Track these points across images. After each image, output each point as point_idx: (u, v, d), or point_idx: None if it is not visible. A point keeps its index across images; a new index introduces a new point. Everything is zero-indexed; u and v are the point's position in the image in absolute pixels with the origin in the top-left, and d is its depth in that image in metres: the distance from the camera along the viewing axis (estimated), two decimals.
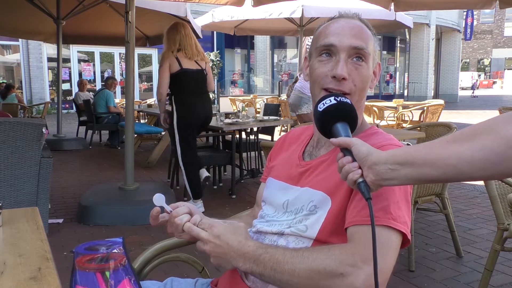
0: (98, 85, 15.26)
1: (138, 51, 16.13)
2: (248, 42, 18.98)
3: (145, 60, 17.46)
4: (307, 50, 1.09)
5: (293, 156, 1.11)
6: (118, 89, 15.66)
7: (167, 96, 3.75)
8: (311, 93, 1.05)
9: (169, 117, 3.76)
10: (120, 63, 16.36)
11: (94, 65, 16.20)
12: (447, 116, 12.77)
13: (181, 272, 2.40)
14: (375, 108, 7.55)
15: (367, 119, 5.28)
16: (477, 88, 31.64)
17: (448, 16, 21.33)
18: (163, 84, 3.59)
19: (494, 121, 0.68)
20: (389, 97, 18.93)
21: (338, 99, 0.89)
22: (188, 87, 3.63)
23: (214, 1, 3.82)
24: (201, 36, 7.40)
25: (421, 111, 7.12)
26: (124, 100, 4.44)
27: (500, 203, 2.07)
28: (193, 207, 1.03)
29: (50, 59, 14.78)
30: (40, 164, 3.03)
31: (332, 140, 0.87)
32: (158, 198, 0.98)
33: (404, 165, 0.76)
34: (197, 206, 3.74)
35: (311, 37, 1.14)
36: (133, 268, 0.89)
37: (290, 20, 8.17)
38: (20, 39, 14.05)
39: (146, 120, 8.01)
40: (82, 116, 8.28)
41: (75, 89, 11.22)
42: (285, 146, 1.19)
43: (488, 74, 47.26)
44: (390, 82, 23.65)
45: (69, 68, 15.39)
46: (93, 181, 4.91)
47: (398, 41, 23.44)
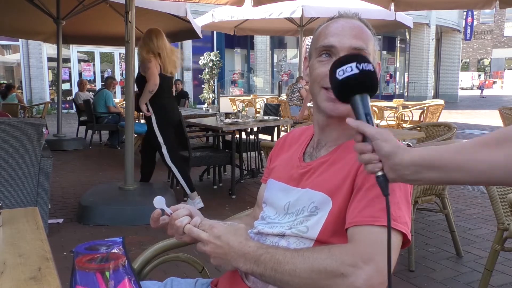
0: (98, 85, 15.25)
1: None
2: (248, 42, 18.98)
3: None
4: (307, 50, 1.09)
5: (294, 157, 1.11)
6: (118, 89, 15.67)
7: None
8: (311, 93, 1.05)
9: (146, 120, 3.91)
10: (120, 63, 16.35)
11: (94, 65, 16.19)
12: (447, 116, 12.77)
13: (181, 272, 2.40)
14: (375, 108, 7.55)
15: None
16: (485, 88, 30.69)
17: (448, 16, 21.33)
18: (157, 77, 3.68)
19: None
20: (389, 97, 18.92)
21: (361, 68, 0.80)
22: (166, 91, 3.84)
23: (214, 1, 3.82)
24: (201, 36, 7.41)
25: (421, 111, 7.12)
26: (124, 100, 4.44)
27: (500, 203, 2.07)
28: (193, 209, 1.03)
29: (50, 59, 14.77)
30: (40, 164, 3.03)
31: (350, 121, 0.79)
32: (159, 201, 0.99)
33: (431, 169, 0.73)
34: (197, 202, 3.86)
35: (311, 37, 1.14)
36: (133, 268, 0.89)
37: (290, 20, 8.18)
38: (20, 39, 14.04)
39: None
40: (82, 116, 8.28)
41: (75, 89, 11.22)
42: (286, 147, 1.19)
43: (488, 74, 47.25)
44: (390, 82, 23.64)
45: (69, 68, 15.38)
46: (93, 181, 4.90)
47: (398, 41, 23.43)
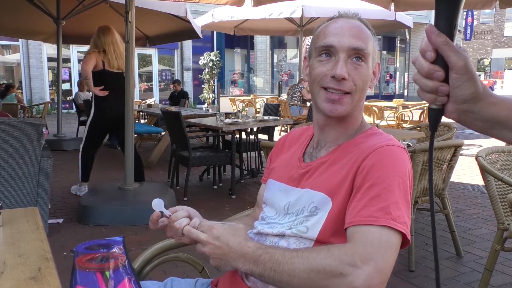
0: None
1: (138, 51, 16.11)
2: (248, 42, 18.98)
3: (145, 60, 17.46)
4: (307, 50, 1.09)
5: (294, 158, 1.11)
6: None
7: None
8: (311, 93, 1.05)
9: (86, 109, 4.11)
10: None
11: None
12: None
13: (181, 272, 2.41)
14: (375, 108, 7.55)
15: (367, 119, 5.28)
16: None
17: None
18: (89, 64, 3.88)
19: None
20: (389, 97, 18.94)
21: None
22: (110, 87, 4.00)
23: (214, 1, 3.83)
24: (201, 36, 7.41)
25: (421, 111, 7.12)
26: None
27: (500, 203, 2.07)
28: (192, 210, 1.04)
29: (50, 59, 14.77)
30: (40, 164, 3.03)
31: (431, 30, 0.60)
32: (157, 203, 0.99)
33: (508, 128, 0.63)
34: (82, 189, 4.28)
35: (311, 37, 1.14)
36: (133, 268, 0.89)
37: (290, 20, 8.18)
38: (20, 39, 14.04)
39: (146, 120, 8.01)
40: (82, 116, 8.27)
41: (75, 89, 11.22)
42: (286, 147, 1.19)
43: (488, 74, 47.23)
44: (390, 82, 23.65)
45: (69, 68, 15.37)
46: (93, 181, 4.90)
47: (398, 41, 23.43)
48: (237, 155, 4.52)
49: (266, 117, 4.90)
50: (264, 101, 10.04)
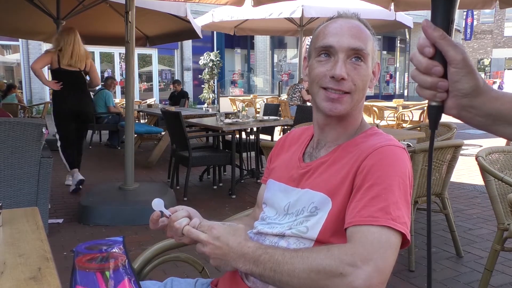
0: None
1: (138, 51, 16.11)
2: (248, 42, 18.98)
3: (145, 60, 17.46)
4: (307, 50, 1.09)
5: (294, 158, 1.11)
6: (118, 89, 15.66)
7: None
8: (311, 92, 1.05)
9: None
10: (120, 63, 16.35)
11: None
12: (447, 116, 12.74)
13: (181, 272, 2.41)
14: (375, 108, 7.55)
15: (367, 119, 5.28)
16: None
17: None
18: (38, 63, 4.25)
19: None
20: (389, 97, 18.94)
21: None
22: (65, 84, 4.28)
23: (214, 1, 3.83)
24: (201, 36, 7.40)
25: (421, 111, 7.12)
26: (124, 100, 4.44)
27: (500, 203, 2.07)
28: (192, 210, 1.03)
29: None
30: (40, 164, 3.03)
31: (427, 25, 0.60)
32: (157, 203, 0.99)
33: (508, 124, 0.62)
34: (74, 176, 4.46)
35: (311, 37, 1.14)
36: (133, 268, 0.89)
37: (290, 20, 8.18)
38: (20, 39, 14.04)
39: (146, 120, 8.01)
40: None
41: None
42: (286, 147, 1.19)
43: (488, 74, 47.21)
44: (390, 82, 23.65)
45: None
46: (93, 181, 4.90)
47: (398, 41, 23.43)
48: (237, 155, 4.52)
49: (266, 117, 4.90)
50: (264, 101, 10.04)
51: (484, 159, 2.13)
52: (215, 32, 16.19)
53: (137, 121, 8.21)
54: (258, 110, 8.87)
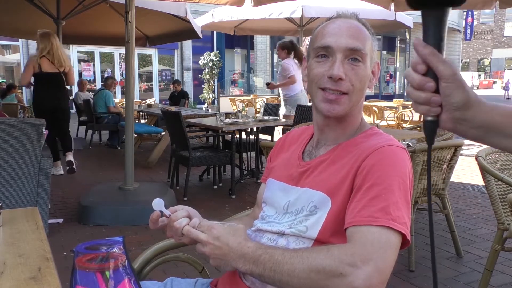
0: (98, 85, 15.24)
1: (138, 51, 16.11)
2: (248, 42, 18.98)
3: (145, 60, 17.46)
4: (306, 51, 1.09)
5: (293, 157, 1.11)
6: (118, 89, 15.66)
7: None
8: (309, 93, 1.06)
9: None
10: (120, 63, 16.35)
11: (94, 65, 16.19)
12: None
13: (181, 272, 2.41)
14: (375, 108, 7.55)
15: (367, 119, 5.28)
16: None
17: (448, 16, 21.29)
18: (26, 77, 4.64)
19: None
20: (389, 97, 18.92)
21: None
22: (44, 84, 4.69)
23: (214, 1, 3.83)
24: (201, 36, 7.40)
25: None
26: (124, 100, 4.44)
27: (500, 203, 2.07)
28: (192, 210, 1.04)
29: None
30: (40, 164, 3.03)
31: (418, 43, 0.63)
32: (158, 203, 0.99)
33: (500, 135, 0.65)
34: (58, 169, 5.02)
35: (311, 37, 1.14)
36: (133, 268, 0.89)
37: (290, 20, 8.17)
38: (20, 39, 14.02)
39: (146, 120, 8.01)
40: (82, 116, 8.28)
41: (75, 89, 11.21)
42: (286, 147, 1.19)
43: (488, 74, 47.22)
44: (390, 82, 23.65)
45: None
46: (93, 181, 4.90)
47: (398, 41, 23.43)
48: (237, 155, 4.52)
49: (266, 117, 4.90)
50: (264, 101, 10.04)
51: (484, 159, 2.13)
52: (215, 32, 16.18)
53: (137, 121, 8.20)
54: (258, 110, 8.87)
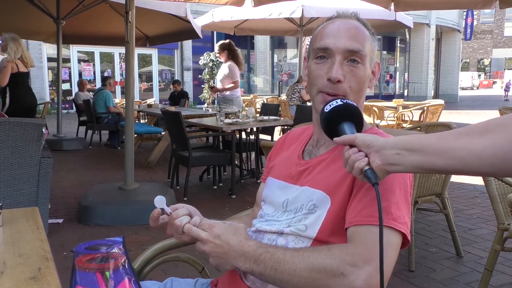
0: (98, 85, 15.25)
1: (138, 51, 16.12)
2: (248, 42, 18.98)
3: (145, 60, 17.46)
4: (307, 50, 1.09)
5: (293, 156, 1.11)
6: (118, 89, 15.66)
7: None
8: (310, 95, 1.06)
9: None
10: (120, 63, 16.35)
11: (94, 65, 16.19)
12: (447, 116, 12.77)
13: (181, 272, 2.41)
14: (375, 108, 7.55)
15: (367, 119, 5.28)
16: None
17: (448, 16, 21.33)
18: (5, 78, 4.79)
19: (508, 119, 0.68)
20: (389, 97, 18.93)
21: (344, 101, 0.91)
22: (21, 84, 4.98)
23: (214, 1, 3.83)
24: (201, 36, 7.41)
25: (421, 111, 7.12)
26: (124, 100, 4.44)
27: (500, 203, 2.07)
28: (193, 209, 1.03)
29: (50, 59, 14.77)
30: (40, 164, 3.03)
31: (336, 139, 0.86)
32: (159, 200, 0.98)
33: (412, 152, 0.75)
34: None
35: (311, 37, 1.14)
36: (133, 268, 0.89)
37: (290, 20, 8.18)
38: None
39: (146, 120, 8.00)
40: (82, 116, 8.28)
41: (75, 89, 11.23)
42: (285, 146, 1.19)
43: (488, 74, 47.23)
44: (390, 82, 23.65)
45: (69, 68, 15.37)
46: (93, 181, 4.91)
47: (398, 41, 23.43)
48: (237, 155, 4.52)
49: (266, 117, 4.90)
50: (264, 101, 10.04)
51: None
52: (215, 32, 16.17)
53: (137, 121, 8.20)
54: (258, 110, 8.87)
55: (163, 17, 6.36)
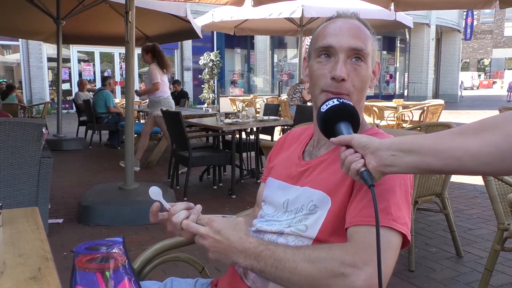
0: (98, 85, 15.24)
1: (138, 51, 16.07)
2: (248, 42, 18.98)
3: None
4: (307, 50, 1.09)
5: (293, 156, 1.11)
6: (118, 89, 15.66)
7: None
8: (312, 94, 1.05)
9: None
10: (120, 63, 16.35)
11: (94, 65, 16.19)
12: (447, 116, 12.78)
13: (181, 272, 2.41)
14: (375, 108, 7.55)
15: (367, 119, 5.28)
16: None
17: (448, 16, 21.33)
18: None
19: (503, 118, 0.68)
20: (389, 97, 18.93)
21: (341, 101, 0.90)
22: None
23: (214, 1, 3.83)
24: (201, 36, 7.41)
25: (421, 111, 7.12)
26: (124, 100, 4.44)
27: (500, 203, 2.07)
28: (191, 204, 1.03)
29: (50, 59, 14.77)
30: (40, 164, 3.03)
31: (332, 139, 0.86)
32: (154, 191, 0.97)
33: (408, 153, 0.75)
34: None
35: (311, 37, 1.14)
36: (133, 268, 0.89)
37: (290, 20, 8.18)
38: (20, 39, 14.04)
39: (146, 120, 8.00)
40: (82, 116, 8.28)
41: (75, 89, 11.22)
42: (285, 146, 1.19)
43: (488, 74, 47.23)
44: (390, 82, 23.64)
45: (69, 68, 15.37)
46: (93, 181, 4.91)
47: (398, 41, 23.43)
48: (237, 155, 4.52)
49: (266, 117, 4.90)
50: (264, 101, 10.04)
51: None
52: (215, 32, 16.19)
53: (137, 121, 8.20)
54: (258, 110, 8.86)
55: (163, 17, 6.36)
